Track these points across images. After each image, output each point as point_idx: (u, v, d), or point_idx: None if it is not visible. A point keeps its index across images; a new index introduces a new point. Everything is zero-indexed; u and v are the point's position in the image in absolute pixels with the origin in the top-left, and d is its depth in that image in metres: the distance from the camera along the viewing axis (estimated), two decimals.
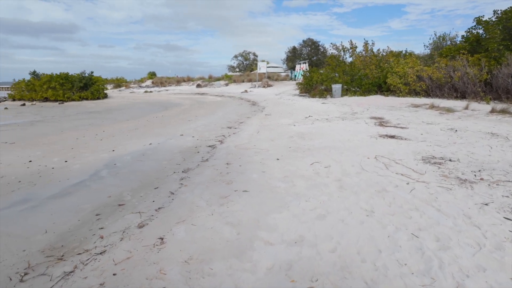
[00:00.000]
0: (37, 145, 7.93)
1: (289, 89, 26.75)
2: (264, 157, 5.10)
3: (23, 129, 11.24)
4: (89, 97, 26.57)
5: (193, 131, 8.39)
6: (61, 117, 15.41)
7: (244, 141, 6.53)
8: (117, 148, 6.66)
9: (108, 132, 9.49)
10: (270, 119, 10.11)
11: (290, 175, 4.04)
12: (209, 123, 9.96)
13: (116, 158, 5.66)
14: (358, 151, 5.21)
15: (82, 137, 8.77)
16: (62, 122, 13.19)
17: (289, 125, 8.54)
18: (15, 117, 15.62)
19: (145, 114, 15.41)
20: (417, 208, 2.94)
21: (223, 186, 3.76)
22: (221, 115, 12.31)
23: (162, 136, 7.83)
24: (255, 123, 9.47)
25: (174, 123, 10.98)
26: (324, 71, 20.38)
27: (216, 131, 8.27)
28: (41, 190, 3.94)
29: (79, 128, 11.17)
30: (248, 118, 11.14)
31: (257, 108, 14.92)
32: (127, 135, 8.78)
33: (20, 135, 9.86)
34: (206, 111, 14.97)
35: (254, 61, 50.49)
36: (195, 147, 6.33)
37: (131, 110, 18.21)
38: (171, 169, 4.77)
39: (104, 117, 14.81)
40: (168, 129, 9.22)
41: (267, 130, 7.87)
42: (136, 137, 8.10)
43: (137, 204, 3.42)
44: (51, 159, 6.02)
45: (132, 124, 11.39)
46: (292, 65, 47.01)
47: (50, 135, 9.60)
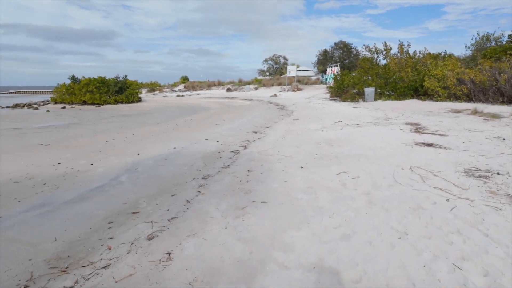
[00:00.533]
0: (69, 147, 8.21)
1: (319, 93, 26.17)
2: (287, 164, 4.82)
3: (60, 131, 11.79)
4: (124, 100, 27.65)
5: (218, 136, 8.28)
6: (96, 119, 16.07)
7: (268, 147, 6.29)
8: (142, 152, 6.69)
9: (137, 136, 9.66)
10: (298, 124, 9.78)
11: (313, 185, 3.73)
12: (235, 128, 9.83)
13: (139, 162, 5.64)
14: (391, 160, 4.78)
15: (112, 140, 8.98)
16: (96, 125, 13.71)
17: (316, 130, 8.18)
18: (54, 119, 16.52)
19: (174, 118, 15.66)
20: (459, 231, 2.53)
21: (241, 196, 3.54)
22: (248, 120, 12.16)
23: (187, 140, 7.79)
24: (282, 128, 9.20)
25: (201, 127, 10.98)
26: (356, 74, 19.66)
27: (241, 136, 8.10)
28: (61, 194, 3.94)
29: (110, 131, 11.51)
30: (275, 122, 10.89)
31: (285, 112, 14.62)
32: (155, 138, 8.86)
33: (56, 137, 10.32)
34: (234, 115, 14.91)
35: (284, 65, 50.17)
36: (218, 152, 6.18)
37: (162, 113, 18.63)
38: (191, 175, 4.63)
39: (136, 121, 15.22)
40: (194, 133, 9.20)
41: (293, 136, 7.57)
42: (163, 141, 8.13)
43: (151, 212, 3.29)
44: (78, 161, 6.14)
45: (161, 128, 11.55)
46: (323, 69, 46.17)
47: (82, 138, 9.94)
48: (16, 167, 5.87)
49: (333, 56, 50.69)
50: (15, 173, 5.33)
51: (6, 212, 3.45)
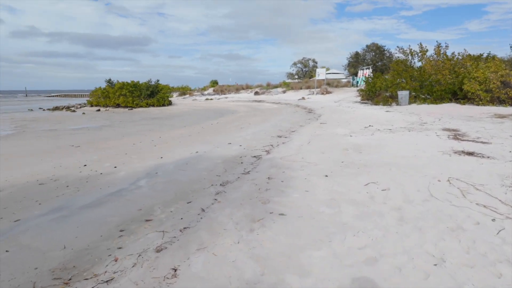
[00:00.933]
0: (98, 149, 8.42)
1: (350, 96, 25.39)
2: (310, 172, 4.54)
3: (91, 133, 12.23)
4: (155, 104, 28.44)
5: (242, 140, 8.13)
6: (127, 122, 16.58)
7: (292, 153, 6.02)
8: (165, 156, 6.67)
9: (163, 139, 9.76)
10: (325, 128, 9.41)
11: (338, 197, 3.43)
12: (259, 131, 9.64)
13: (160, 166, 5.59)
14: (426, 170, 4.34)
15: (139, 143, 9.11)
16: (126, 128, 14.11)
17: (344, 135, 7.79)
18: (88, 121, 17.25)
19: (201, 121, 15.78)
20: (509, 260, 2.15)
21: (259, 206, 3.32)
22: (274, 123, 11.93)
23: (210, 144, 7.71)
24: (307, 132, 8.88)
25: (226, 130, 10.91)
26: (389, 77, 18.80)
27: (265, 140, 7.89)
28: (80, 198, 3.94)
29: (139, 133, 11.76)
30: (301, 126, 10.58)
31: (313, 116, 14.23)
32: (180, 142, 8.88)
33: (87, 138, 10.68)
34: (260, 118, 14.75)
35: (314, 68, 49.46)
36: (240, 157, 6.01)
37: (189, 117, 18.89)
38: (209, 181, 4.48)
39: (164, 124, 15.51)
40: (218, 137, 9.12)
41: (319, 141, 7.23)
42: (187, 145, 8.11)
43: (164, 220, 3.15)
44: (103, 164, 6.23)
45: (187, 131, 11.63)
46: (354, 71, 45.04)
47: (111, 140, 10.21)
48: (45, 168, 6.05)
49: (365, 59, 49.41)
50: (43, 174, 5.48)
51: (25, 215, 3.47)
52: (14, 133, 12.73)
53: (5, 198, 4.23)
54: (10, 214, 3.53)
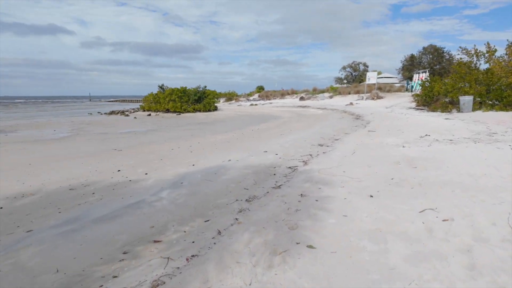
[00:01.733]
0: (137, 153, 8.47)
1: (403, 102, 23.50)
2: (352, 190, 3.86)
3: (136, 137, 12.58)
4: (202, 109, 29.09)
5: (279, 148, 7.59)
6: (172, 127, 16.96)
7: (332, 165, 5.34)
8: (197, 163, 6.40)
9: (201, 144, 9.60)
10: (373, 137, 8.49)
11: (384, 228, 2.74)
12: (299, 139, 9.02)
13: (189, 175, 5.29)
14: (503, 195, 3.43)
15: (177, 148, 9.04)
16: (170, 132, 14.36)
17: (396, 146, 6.87)
18: (137, 125, 18.00)
19: (243, 127, 15.55)
20: None
21: (284, 232, 2.77)
22: (316, 130, 11.20)
23: (245, 152, 7.29)
24: (353, 141, 8.06)
25: (265, 137, 10.45)
26: (450, 80, 16.91)
27: (304, 149, 7.27)
28: (99, 208, 3.73)
29: (180, 138, 11.81)
30: (346, 134, 9.73)
31: (360, 122, 13.20)
32: (216, 148, 8.62)
33: (131, 142, 10.95)
34: (303, 124, 14.07)
35: (364, 72, 47.24)
36: (273, 168, 5.49)
37: (232, 122, 18.82)
38: (235, 195, 4.03)
39: (206, 129, 15.55)
40: (255, 144, 8.69)
41: (366, 151, 6.43)
42: (222, 151, 7.80)
43: (174, 243, 2.75)
44: (137, 170, 6.12)
45: (226, 137, 11.41)
46: (409, 75, 42.18)
47: (153, 144, 10.31)
48: (82, 172, 6.10)
49: (421, 62, 46.19)
50: (78, 179, 5.48)
51: (40, 225, 3.32)
52: (69, 135, 13.60)
53: (32, 203, 4.20)
54: (28, 223, 3.40)
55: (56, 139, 12.22)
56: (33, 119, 23.59)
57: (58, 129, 16.44)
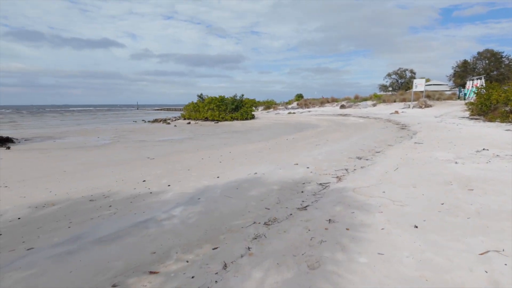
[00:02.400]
0: (167, 162, 8.39)
1: (455, 110, 21.53)
2: (392, 218, 3.23)
3: (171, 145, 12.67)
4: (239, 117, 29.17)
5: (312, 160, 7.02)
6: (208, 135, 17.00)
7: (370, 182, 4.68)
8: (223, 175, 6.07)
9: (232, 154, 9.32)
10: (420, 150, 7.58)
11: (431, 276, 2.11)
12: (335, 150, 8.34)
13: (210, 189, 4.95)
14: None
15: (208, 158, 8.83)
16: (205, 140, 14.34)
17: (447, 161, 5.98)
18: (175, 134, 18.32)
19: (277, 136, 15.09)
20: None
21: (302, 273, 2.26)
22: (355, 141, 10.39)
23: (275, 164, 6.82)
24: (397, 154, 7.22)
25: (298, 147, 9.90)
26: (510, 87, 15.05)
27: (340, 162, 6.62)
28: (106, 225, 3.49)
29: (213, 147, 11.67)
30: (389, 146, 8.85)
31: (406, 133, 12.09)
32: (246, 158, 8.26)
33: (165, 151, 11.00)
34: (341, 134, 13.26)
35: (411, 79, 44.62)
36: (302, 184, 4.95)
37: (268, 131, 18.45)
38: (253, 216, 3.58)
39: (241, 137, 15.33)
40: (287, 155, 8.18)
41: (411, 168, 5.64)
42: (251, 162, 7.42)
43: (172, 276, 2.37)
44: (161, 180, 5.94)
45: (259, 146, 11.03)
46: (461, 82, 39.08)
47: (185, 153, 10.24)
48: (109, 181, 6.05)
49: (475, 68, 42.75)
50: (101, 189, 5.40)
51: (44, 242, 3.14)
52: (110, 142, 14.12)
53: (49, 214, 4.11)
54: (34, 238, 3.25)
55: (97, 146, 12.71)
56: (83, 126, 25.23)
57: (102, 136, 17.24)
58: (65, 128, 23.55)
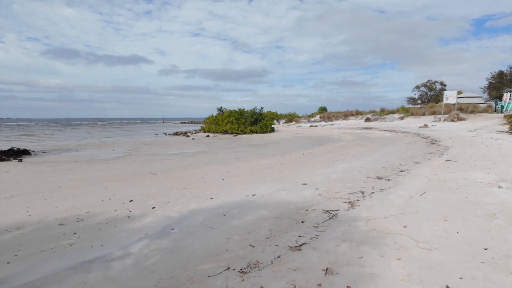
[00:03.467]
0: (167, 178, 7.79)
1: (492, 124, 19.72)
2: (413, 268, 2.33)
3: (182, 159, 12.14)
4: (258, 130, 28.54)
5: (324, 179, 6.13)
6: (222, 149, 16.41)
7: (389, 212, 3.77)
8: (218, 196, 5.35)
9: (240, 170, 8.61)
10: (453, 169, 6.48)
11: None
12: (353, 168, 7.39)
13: (193, 215, 4.23)
14: None
15: (212, 174, 8.18)
16: (217, 154, 13.72)
17: (487, 185, 4.91)
18: (190, 147, 17.90)
19: (294, 150, 14.23)
20: None
21: None
22: (379, 157, 9.34)
23: (280, 183, 6.01)
24: (425, 174, 6.19)
25: (313, 163, 9.00)
26: None
27: (356, 183, 5.70)
28: (43, 265, 2.84)
29: (223, 161, 11.01)
30: (416, 164, 7.77)
31: (436, 149, 10.86)
32: (252, 175, 7.50)
33: (172, 165, 10.46)
34: (363, 150, 12.18)
35: (441, 91, 42.39)
36: (305, 210, 4.11)
37: (285, 145, 17.60)
38: (230, 258, 2.80)
39: (256, 151, 14.60)
40: (297, 173, 7.34)
41: (442, 192, 4.64)
42: (255, 181, 6.65)
43: None
44: (148, 201, 5.32)
45: (271, 161, 10.24)
46: (497, 94, 36.55)
47: (191, 168, 9.64)
48: (93, 201, 5.50)
49: None
50: (80, 210, 4.85)
51: None
52: (122, 156, 13.86)
53: (6, 241, 3.55)
54: None
55: (107, 160, 12.43)
56: (104, 139, 25.58)
57: (117, 148, 17.14)
58: (87, 140, 23.92)
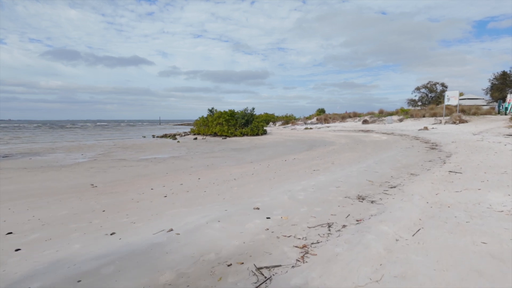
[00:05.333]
0: (102, 194, 6.27)
1: (497, 127, 18.15)
2: None
3: (144, 167, 10.56)
4: (249, 133, 26.96)
5: (287, 200, 4.57)
6: (200, 153, 14.85)
7: (360, 274, 2.21)
8: (126, 228, 3.84)
9: (199, 182, 7.13)
10: (459, 185, 4.93)
11: None
12: (332, 182, 5.82)
13: (32, 277, 2.67)
14: None
15: (161, 187, 6.67)
16: (189, 160, 12.15)
17: (507, 209, 3.35)
18: (169, 151, 16.30)
19: (277, 155, 12.67)
20: None
21: None
22: (368, 165, 7.77)
23: (227, 205, 4.47)
24: (421, 192, 4.62)
25: (290, 173, 7.45)
26: None
27: (327, 207, 4.14)
28: None
29: (189, 170, 9.47)
30: (411, 176, 6.22)
31: (437, 155, 9.29)
32: (204, 192, 5.99)
33: (125, 174, 8.91)
34: (354, 155, 10.62)
35: (442, 93, 40.86)
36: (227, 265, 2.56)
37: (272, 149, 16.03)
38: None
39: (235, 157, 13.05)
40: (262, 187, 5.79)
41: (445, 230, 3.08)
42: (197, 202, 5.15)
43: None
44: (31, 234, 3.82)
45: (243, 170, 8.71)
46: (500, 95, 34.98)
47: (144, 179, 8.13)
48: None
49: None
50: None
51: None
52: (84, 161, 12.33)
53: None
54: None
55: (62, 166, 10.89)
56: (85, 142, 24.04)
57: (88, 153, 15.63)
58: (66, 143, 22.37)
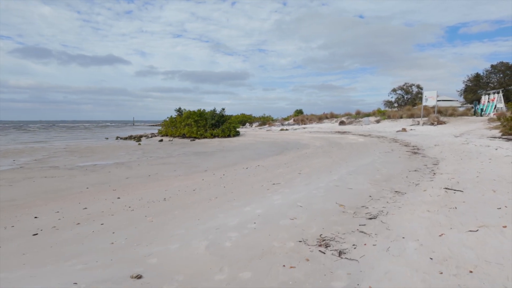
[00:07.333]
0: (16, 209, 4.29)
1: (477, 128, 17.27)
2: None
3: (67, 178, 8.39)
4: (220, 134, 25.08)
5: (201, 254, 2.85)
6: (154, 159, 12.86)
7: None
8: None
9: (113, 205, 5.32)
10: (466, 214, 3.38)
11: None
12: (286, 209, 4.14)
13: None
14: None
15: (43, 217, 4.77)
16: (133, 169, 10.12)
17: None
18: (118, 156, 14.16)
19: (241, 161, 10.96)
20: None
21: None
22: (341, 177, 6.18)
23: (75, 273, 2.68)
24: (416, 230, 3.02)
25: (243, 188, 5.74)
26: None
27: (264, 270, 2.44)
28: None
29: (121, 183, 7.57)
30: (396, 194, 4.65)
31: (421, 161, 7.86)
32: (92, 231, 4.17)
33: (39, 188, 6.90)
34: (327, 161, 9.05)
35: (418, 95, 40.67)
36: None
37: (238, 153, 14.29)
38: None
39: (190, 163, 11.19)
40: (182, 220, 4.05)
41: None
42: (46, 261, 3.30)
43: None
44: None
45: (187, 183, 6.94)
46: (474, 97, 35.12)
47: (63, 194, 6.18)
48: None
49: (489, 82, 38.92)
50: None
51: None
52: (6, 169, 10.09)
53: None
54: None
55: None
56: (35, 144, 21.35)
57: (24, 158, 13.29)
58: (8, 146, 19.65)
